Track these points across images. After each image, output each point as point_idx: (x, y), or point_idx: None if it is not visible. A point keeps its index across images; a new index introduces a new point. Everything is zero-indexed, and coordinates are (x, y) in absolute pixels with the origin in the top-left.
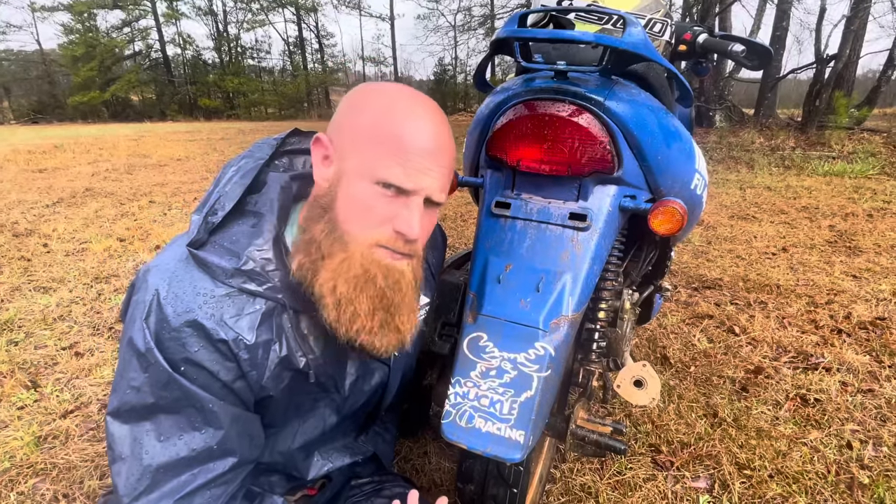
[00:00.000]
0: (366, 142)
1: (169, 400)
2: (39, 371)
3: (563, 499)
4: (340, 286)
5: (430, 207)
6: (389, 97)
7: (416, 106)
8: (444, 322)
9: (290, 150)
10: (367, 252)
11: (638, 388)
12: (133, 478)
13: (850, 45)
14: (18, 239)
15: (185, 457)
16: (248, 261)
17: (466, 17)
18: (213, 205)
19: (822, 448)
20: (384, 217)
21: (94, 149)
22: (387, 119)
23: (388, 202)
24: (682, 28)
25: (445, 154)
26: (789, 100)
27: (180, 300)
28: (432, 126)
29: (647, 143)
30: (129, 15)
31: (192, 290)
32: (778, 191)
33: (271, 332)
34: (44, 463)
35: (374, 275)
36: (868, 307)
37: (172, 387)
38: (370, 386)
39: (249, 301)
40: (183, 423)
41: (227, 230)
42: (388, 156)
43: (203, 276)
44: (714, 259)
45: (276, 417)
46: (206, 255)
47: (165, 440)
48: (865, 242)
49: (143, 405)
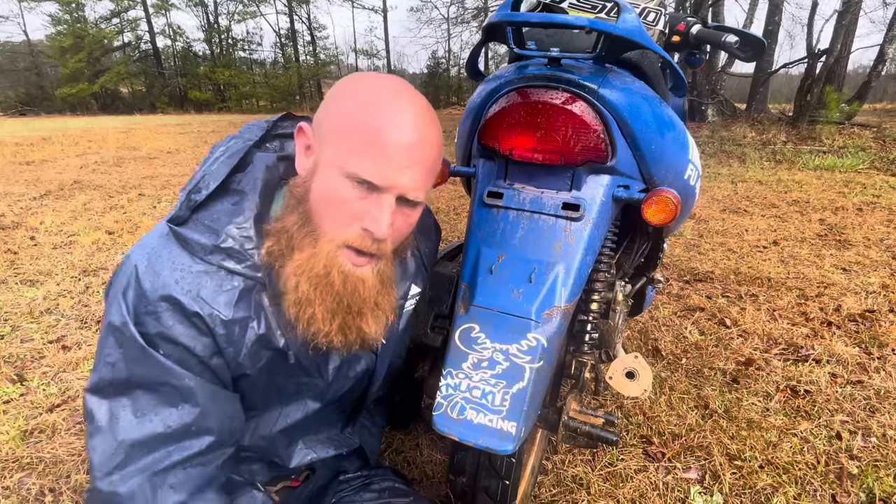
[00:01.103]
0: (341, 133)
1: (144, 376)
2: (26, 365)
3: (555, 490)
4: (303, 284)
5: (405, 206)
6: (371, 88)
7: (398, 99)
8: (436, 314)
9: (282, 134)
10: (333, 253)
11: (630, 380)
12: (107, 453)
13: (842, 41)
14: (5, 232)
15: (160, 433)
16: (227, 238)
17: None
18: (197, 183)
19: (811, 439)
20: (354, 214)
21: (82, 141)
22: (364, 110)
23: (359, 198)
24: (676, 18)
25: (424, 152)
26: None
27: (158, 275)
28: (412, 121)
29: (641, 132)
30: (117, 5)
31: (170, 265)
32: (769, 185)
33: (249, 309)
34: (30, 457)
35: (334, 279)
36: (857, 300)
37: (148, 362)
38: (356, 372)
39: (228, 278)
40: (159, 399)
41: (210, 208)
42: (361, 149)
43: (182, 252)
44: (706, 252)
45: (257, 400)
46: (185, 232)
47: (141, 416)
48: (855, 236)
49: (120, 380)
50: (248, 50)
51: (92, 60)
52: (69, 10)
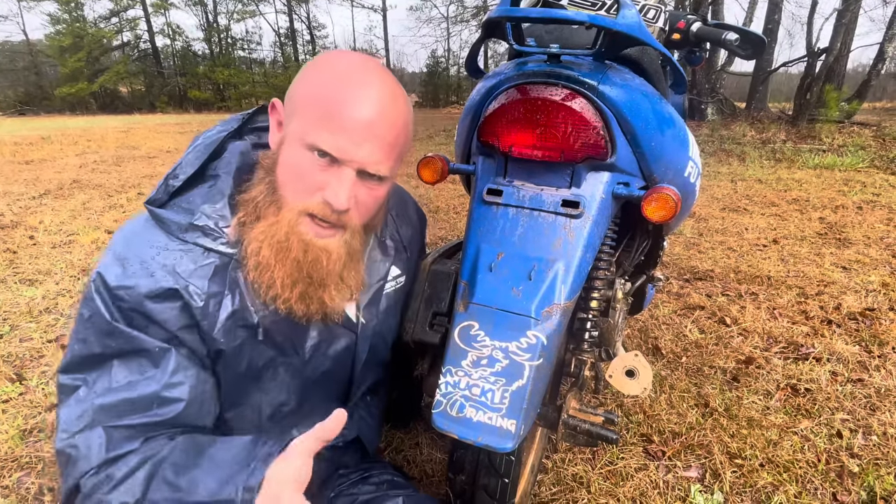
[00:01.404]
0: (305, 106)
1: (114, 348)
2: (25, 364)
3: (555, 489)
4: (264, 250)
5: (369, 180)
6: (337, 63)
7: (361, 74)
8: (434, 312)
9: (259, 128)
10: (294, 221)
11: (630, 378)
12: (73, 417)
13: (841, 39)
14: (4, 231)
15: (127, 398)
16: (202, 216)
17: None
18: (174, 170)
19: (812, 437)
20: (315, 185)
21: (81, 140)
22: (326, 84)
23: (320, 170)
24: (676, 16)
25: (383, 127)
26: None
27: (134, 254)
28: (374, 96)
29: (640, 128)
30: (116, 5)
31: (147, 243)
32: (769, 183)
33: (224, 284)
34: (29, 456)
35: (294, 246)
36: (857, 298)
37: (120, 334)
38: (335, 351)
39: (203, 255)
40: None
41: (186, 194)
42: (321, 121)
43: (159, 231)
44: (706, 251)
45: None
46: (162, 212)
47: (109, 385)
48: (855, 234)
49: (91, 355)
50: (248, 49)
51: (91, 60)
52: (68, 10)
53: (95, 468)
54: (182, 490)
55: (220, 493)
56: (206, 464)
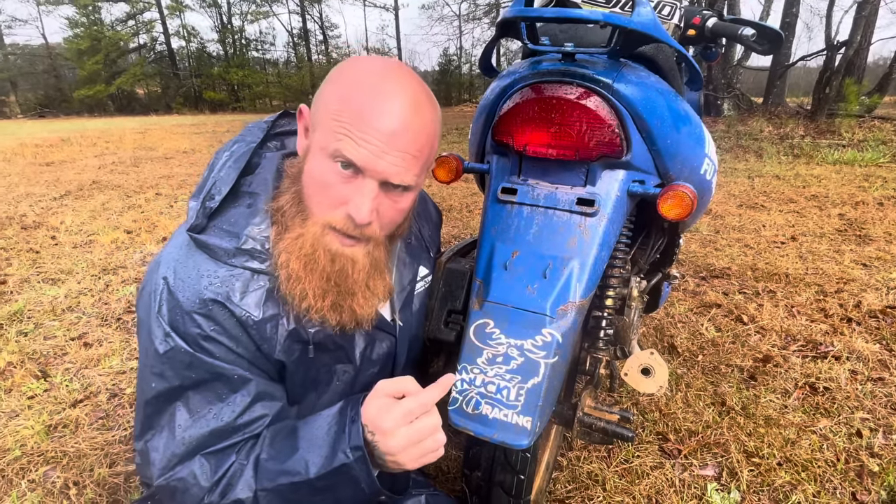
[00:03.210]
0: (330, 114)
1: (194, 378)
2: (49, 361)
3: (570, 486)
4: (293, 262)
5: (392, 192)
6: (363, 70)
7: (387, 83)
8: (450, 309)
9: (281, 132)
10: (320, 234)
11: (645, 377)
12: (168, 452)
13: (862, 32)
14: (27, 231)
15: (215, 428)
16: (248, 239)
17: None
18: (209, 190)
19: (831, 436)
20: (339, 199)
21: (100, 142)
22: (351, 92)
23: (343, 182)
24: (692, 12)
25: (407, 139)
26: (798, 88)
27: (188, 285)
28: (397, 107)
29: (656, 126)
30: (133, 7)
31: (197, 273)
32: (787, 179)
33: (278, 306)
34: (54, 451)
35: (321, 258)
36: (878, 296)
37: (196, 365)
38: (378, 355)
39: (254, 279)
40: (212, 396)
41: (225, 214)
42: (344, 129)
43: (206, 258)
44: (722, 248)
45: (295, 390)
46: (206, 238)
47: (196, 415)
48: (876, 231)
49: (170, 389)
50: (261, 50)
51: (108, 62)
52: (86, 13)
53: (208, 490)
54: (292, 473)
55: (331, 463)
56: (303, 444)
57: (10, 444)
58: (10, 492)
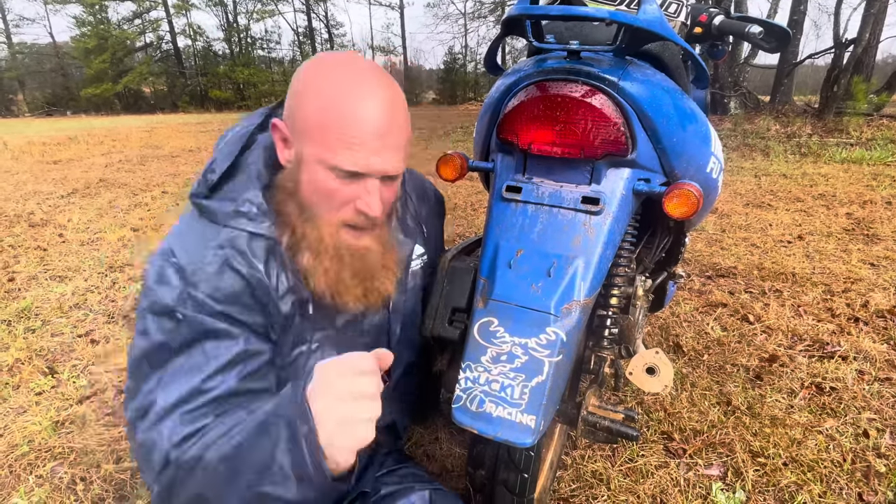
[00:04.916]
0: (315, 128)
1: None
2: (56, 358)
3: (575, 485)
4: (325, 262)
5: (388, 181)
6: (334, 78)
7: (361, 86)
8: (454, 308)
9: None
10: (335, 234)
11: (650, 376)
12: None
13: (870, 29)
14: (34, 229)
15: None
16: (245, 202)
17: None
18: (210, 164)
19: (837, 436)
20: (345, 199)
21: (107, 140)
22: (331, 104)
23: (346, 185)
24: (698, 10)
25: (396, 131)
26: (806, 86)
27: (193, 248)
28: (378, 106)
29: (661, 124)
30: (139, 6)
31: (202, 236)
32: (794, 178)
33: (277, 265)
34: (61, 447)
35: (344, 257)
36: (886, 295)
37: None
38: (370, 326)
39: (253, 240)
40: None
41: (225, 187)
42: (337, 142)
43: (207, 223)
44: (728, 247)
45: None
46: (207, 203)
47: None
48: (884, 230)
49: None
50: (267, 48)
51: (115, 61)
52: (93, 12)
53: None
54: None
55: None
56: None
57: (18, 439)
58: (18, 487)
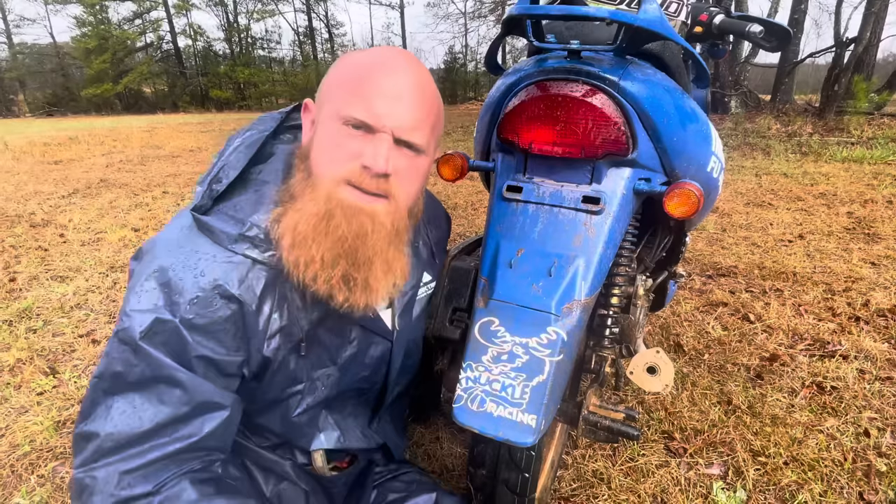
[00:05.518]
0: (335, 87)
1: (141, 373)
2: (58, 358)
3: (575, 484)
4: (301, 225)
5: (407, 149)
6: (367, 52)
7: (392, 58)
8: (454, 307)
9: (295, 126)
10: (334, 189)
11: (651, 375)
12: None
13: (871, 28)
14: (35, 229)
15: (146, 430)
16: (252, 227)
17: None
18: (216, 173)
19: (838, 436)
20: (352, 153)
21: (107, 140)
22: (357, 66)
23: (355, 139)
24: (698, 9)
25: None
26: (807, 85)
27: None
28: (401, 66)
29: (662, 124)
30: (140, 6)
31: (196, 256)
32: (795, 177)
33: (274, 300)
34: (63, 447)
35: (336, 216)
36: (887, 294)
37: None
38: (371, 359)
39: (253, 268)
40: (152, 396)
41: (231, 199)
42: (352, 94)
43: (206, 241)
44: (729, 246)
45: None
46: (209, 221)
47: (131, 412)
48: (885, 229)
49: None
50: (267, 48)
51: (116, 61)
52: (93, 12)
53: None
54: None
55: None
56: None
57: (20, 439)
58: (20, 487)
